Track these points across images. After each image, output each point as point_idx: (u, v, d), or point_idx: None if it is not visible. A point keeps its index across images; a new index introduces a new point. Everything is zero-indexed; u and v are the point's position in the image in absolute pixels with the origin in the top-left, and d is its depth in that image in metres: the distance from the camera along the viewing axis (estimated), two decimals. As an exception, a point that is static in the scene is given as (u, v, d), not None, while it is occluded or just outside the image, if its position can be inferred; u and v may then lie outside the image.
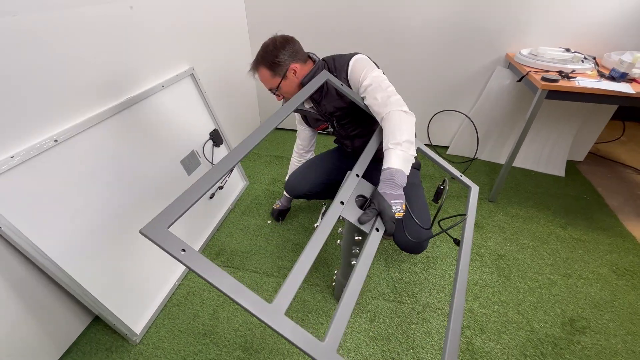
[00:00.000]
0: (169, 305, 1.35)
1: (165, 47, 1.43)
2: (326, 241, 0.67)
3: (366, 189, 0.80)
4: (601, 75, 1.59)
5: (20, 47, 0.88)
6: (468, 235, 0.80)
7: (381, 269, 1.50)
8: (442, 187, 0.92)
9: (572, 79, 1.52)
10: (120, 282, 1.19)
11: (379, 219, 0.75)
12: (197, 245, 1.57)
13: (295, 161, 1.58)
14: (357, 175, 0.82)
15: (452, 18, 1.90)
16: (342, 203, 0.73)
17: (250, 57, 2.50)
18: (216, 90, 1.89)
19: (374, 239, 0.69)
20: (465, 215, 0.88)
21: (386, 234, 0.74)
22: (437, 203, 0.94)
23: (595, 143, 2.26)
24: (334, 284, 1.34)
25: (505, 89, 2.05)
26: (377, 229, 0.72)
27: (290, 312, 1.32)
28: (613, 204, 1.92)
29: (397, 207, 0.75)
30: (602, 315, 1.32)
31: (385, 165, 0.84)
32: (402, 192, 0.79)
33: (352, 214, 0.73)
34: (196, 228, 1.58)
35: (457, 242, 0.94)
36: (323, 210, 1.40)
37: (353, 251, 0.92)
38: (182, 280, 1.44)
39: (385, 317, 1.31)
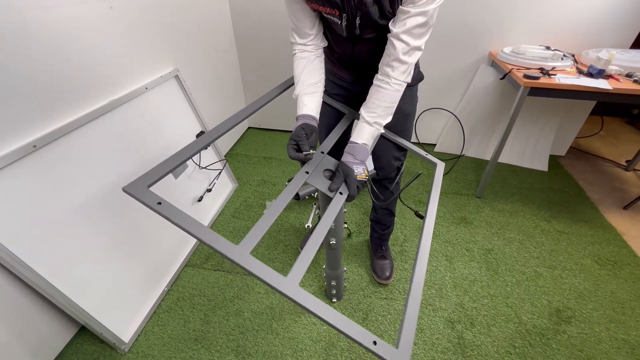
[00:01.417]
0: (158, 311, 1.32)
1: (147, 49, 1.40)
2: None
3: (332, 163, 0.90)
4: (580, 72, 1.64)
5: (2, 47, 0.85)
6: (432, 209, 0.87)
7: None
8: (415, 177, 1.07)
9: (552, 76, 1.56)
10: (107, 289, 1.16)
11: (343, 185, 0.84)
12: (186, 249, 1.55)
13: (301, 55, 0.94)
14: (322, 152, 0.92)
15: (436, 18, 1.92)
16: (307, 172, 0.84)
17: (237, 56, 2.47)
18: (202, 92, 1.86)
19: (337, 201, 0.79)
20: (420, 172, 1.02)
21: (349, 197, 0.83)
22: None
23: (576, 138, 2.33)
24: (325, 283, 1.34)
25: (489, 86, 2.09)
26: (341, 193, 0.82)
27: (289, 310, 1.31)
28: (594, 196, 1.98)
29: (359, 171, 0.84)
30: (586, 305, 1.36)
31: (353, 137, 0.89)
32: (364, 161, 0.88)
33: (322, 185, 0.83)
34: (184, 233, 1.55)
35: (420, 216, 1.06)
36: (313, 210, 1.40)
37: (330, 242, 1.06)
38: (172, 285, 1.41)
39: (378, 314, 1.31)
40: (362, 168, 0.85)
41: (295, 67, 0.95)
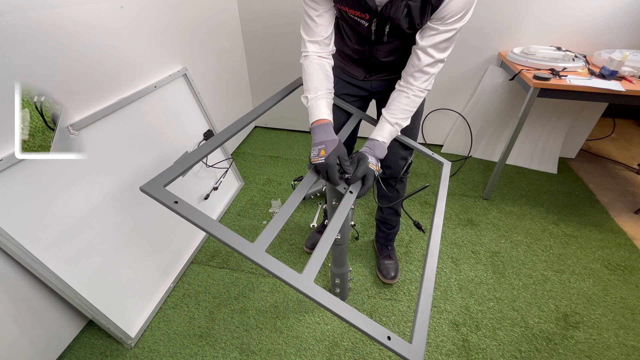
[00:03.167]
0: (164, 307, 1.33)
1: (157, 48, 1.41)
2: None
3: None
4: (592, 73, 1.62)
5: (7, 47, 0.86)
6: (440, 208, 0.87)
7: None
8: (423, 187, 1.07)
9: (563, 77, 1.54)
10: (114, 285, 1.18)
11: (353, 185, 0.86)
12: (192, 247, 1.56)
13: (317, 59, 0.92)
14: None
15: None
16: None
17: (244, 55, 2.48)
18: (210, 91, 1.88)
19: (348, 200, 0.80)
20: (427, 185, 1.03)
21: (361, 191, 0.83)
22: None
23: (586, 140, 2.29)
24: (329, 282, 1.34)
25: (498, 87, 2.06)
26: (351, 192, 0.82)
27: (293, 309, 1.32)
28: (604, 200, 1.94)
29: (373, 161, 0.87)
30: (594, 310, 1.34)
31: (374, 134, 0.93)
32: (379, 157, 0.90)
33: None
34: (191, 230, 1.57)
35: (419, 227, 1.14)
36: (319, 210, 1.40)
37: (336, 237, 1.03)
38: (178, 282, 1.43)
39: (382, 315, 1.31)
40: (375, 161, 0.88)
41: (308, 70, 0.92)
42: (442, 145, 2.45)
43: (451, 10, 0.76)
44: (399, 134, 0.95)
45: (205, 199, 1.65)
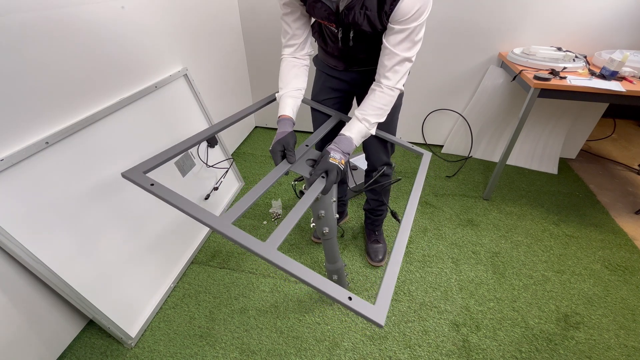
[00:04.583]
0: (164, 307, 1.33)
1: (157, 48, 1.41)
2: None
3: (315, 155, 0.98)
4: (592, 73, 1.61)
5: (9, 47, 0.86)
6: (416, 192, 0.91)
7: (378, 269, 1.50)
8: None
9: (563, 78, 1.54)
10: (115, 285, 1.18)
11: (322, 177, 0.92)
12: (192, 247, 1.56)
13: (291, 60, 1.04)
14: (307, 146, 1.01)
15: (445, 18, 1.91)
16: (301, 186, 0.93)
17: (245, 56, 2.48)
18: (210, 91, 1.88)
19: (318, 183, 0.86)
20: (399, 178, 1.09)
21: (326, 185, 0.87)
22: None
23: (587, 141, 2.29)
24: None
25: (498, 87, 2.06)
26: (323, 177, 0.88)
27: (293, 309, 1.32)
28: (605, 200, 1.94)
29: (335, 156, 0.90)
30: (595, 311, 1.34)
31: (345, 130, 0.97)
32: (345, 152, 0.93)
33: (304, 171, 0.92)
34: (191, 230, 1.57)
35: (396, 217, 1.19)
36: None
37: (324, 231, 1.09)
38: (178, 282, 1.43)
39: (382, 316, 1.31)
40: (340, 155, 0.91)
41: (283, 68, 1.04)
42: (442, 146, 2.45)
43: (402, 12, 0.83)
44: (370, 129, 0.97)
45: (206, 199, 1.65)
